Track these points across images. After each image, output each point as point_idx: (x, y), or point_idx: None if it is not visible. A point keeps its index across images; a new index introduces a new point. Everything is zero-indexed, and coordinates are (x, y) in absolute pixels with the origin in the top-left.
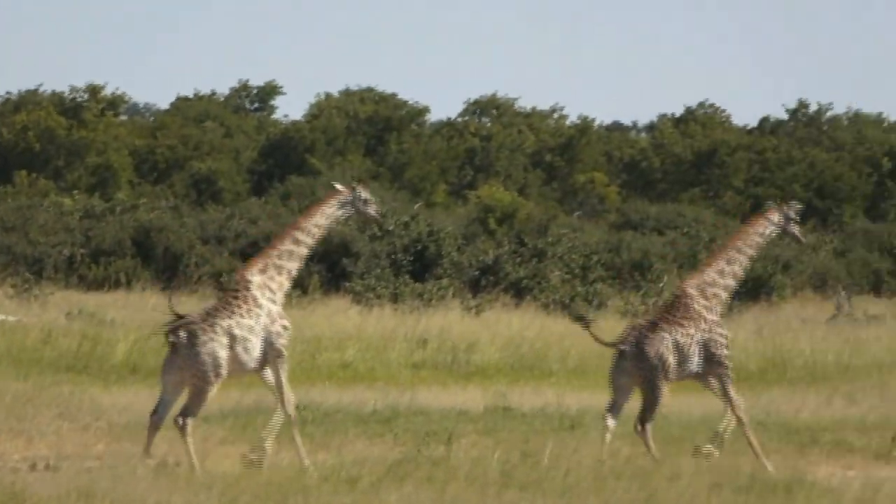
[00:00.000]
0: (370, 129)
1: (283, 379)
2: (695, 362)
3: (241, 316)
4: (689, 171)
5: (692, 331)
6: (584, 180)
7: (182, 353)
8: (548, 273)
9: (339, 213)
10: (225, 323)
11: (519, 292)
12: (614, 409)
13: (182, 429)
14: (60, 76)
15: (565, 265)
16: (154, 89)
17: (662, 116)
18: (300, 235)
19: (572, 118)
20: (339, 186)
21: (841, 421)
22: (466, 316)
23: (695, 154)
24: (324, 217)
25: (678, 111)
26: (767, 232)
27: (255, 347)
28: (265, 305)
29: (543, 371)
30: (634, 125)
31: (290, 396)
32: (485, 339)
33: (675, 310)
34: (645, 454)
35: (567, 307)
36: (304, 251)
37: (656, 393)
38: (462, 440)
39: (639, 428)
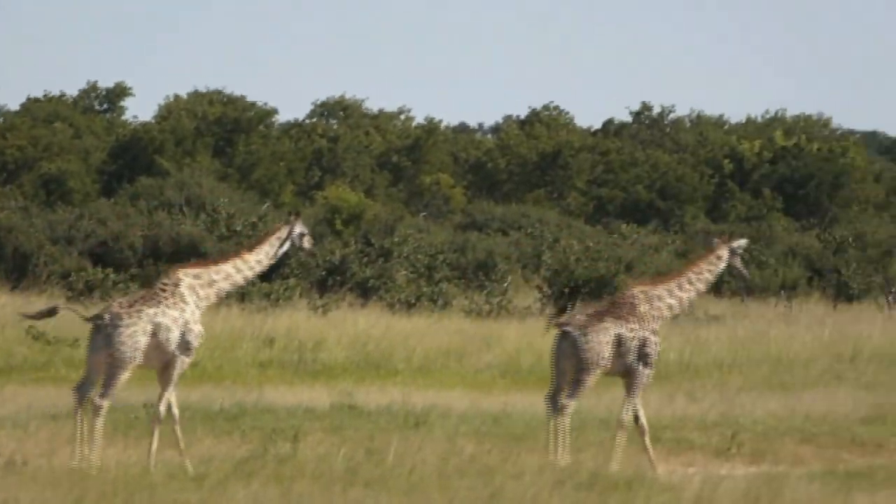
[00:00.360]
0: (219, 130)
1: (176, 378)
2: (630, 358)
3: (168, 307)
4: (533, 173)
5: (635, 327)
6: (430, 181)
7: (104, 334)
8: (394, 273)
9: (281, 250)
10: (150, 311)
11: (365, 292)
12: (554, 395)
13: (96, 410)
14: None
15: (411, 265)
16: (3, 91)
17: (508, 118)
18: (241, 265)
19: (419, 119)
20: (280, 225)
21: (682, 419)
22: (313, 315)
23: (539, 155)
24: (266, 256)
25: (523, 113)
26: (717, 269)
27: (175, 340)
28: (190, 304)
29: (389, 370)
30: (480, 127)
31: (172, 398)
32: (331, 339)
33: (621, 307)
34: (489, 452)
35: (413, 306)
36: (239, 280)
37: (585, 379)
38: (308, 438)
39: (560, 406)
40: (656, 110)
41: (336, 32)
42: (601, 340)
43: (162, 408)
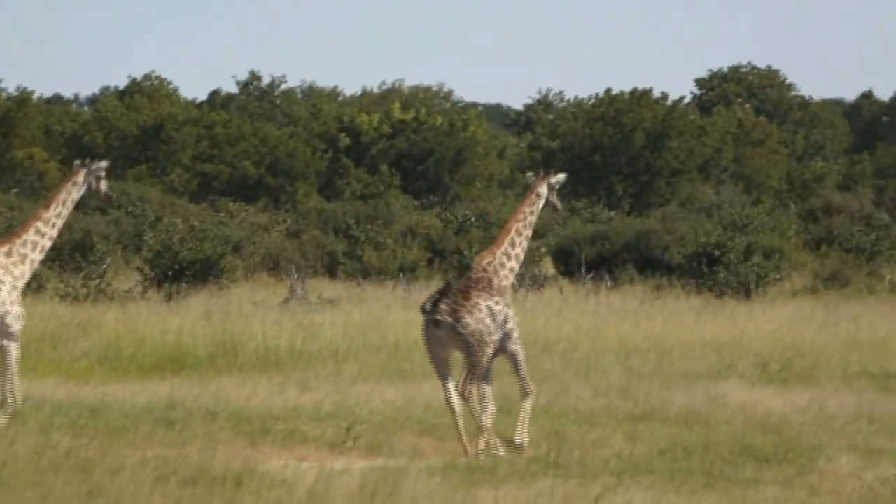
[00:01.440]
0: None
1: (14, 365)
2: (502, 332)
3: None
4: (134, 147)
5: (500, 299)
6: (23, 156)
7: None
8: None
9: (76, 195)
10: None
11: None
12: (447, 380)
13: None
14: None
15: None
16: None
17: (106, 89)
18: (43, 227)
19: (10, 90)
20: (75, 164)
21: (295, 409)
22: None
23: (140, 129)
24: (63, 205)
25: (122, 83)
26: (538, 207)
27: None
28: (7, 285)
29: None
30: (76, 98)
31: (17, 385)
32: None
33: (480, 282)
34: (87, 446)
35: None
36: (47, 242)
37: (478, 361)
38: None
39: (466, 393)
40: (266, 81)
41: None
42: (479, 318)
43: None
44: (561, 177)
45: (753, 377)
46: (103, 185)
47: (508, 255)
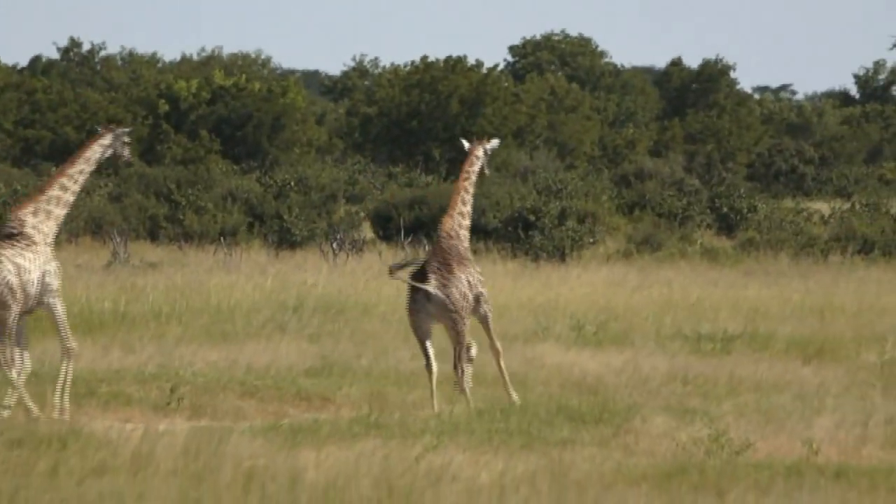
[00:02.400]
0: None
1: (64, 317)
2: (473, 297)
3: (22, 249)
4: None
5: (472, 269)
6: None
7: None
8: None
9: (100, 156)
10: (8, 252)
11: None
12: (427, 343)
13: None
14: None
15: None
16: None
17: None
18: (67, 182)
19: None
20: (100, 129)
21: (119, 371)
22: None
23: None
24: (88, 163)
25: None
26: (476, 168)
27: (35, 282)
28: (41, 244)
29: None
30: None
31: (69, 334)
32: None
33: (454, 253)
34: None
35: None
36: (70, 198)
37: (462, 329)
38: None
39: (459, 368)
40: (86, 47)
41: None
42: (463, 291)
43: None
44: (495, 142)
45: (569, 339)
46: (126, 151)
47: (463, 213)
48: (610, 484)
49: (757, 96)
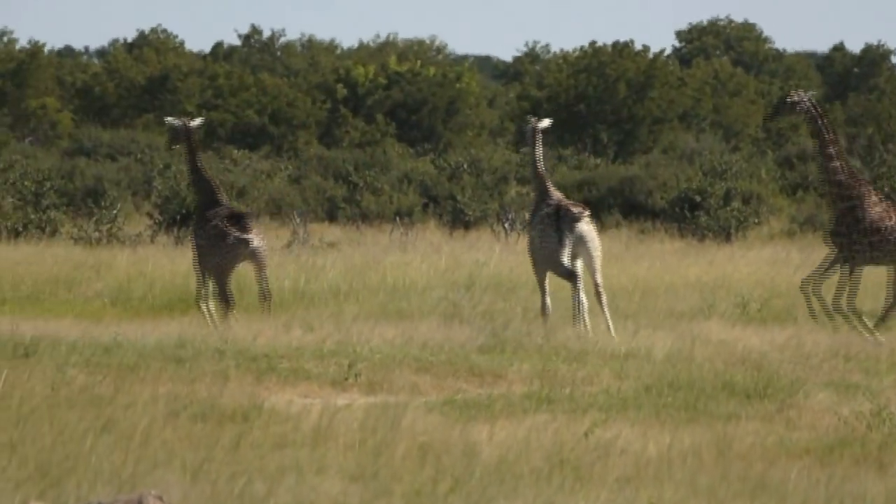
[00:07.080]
0: None
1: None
2: None
3: None
4: (142, 97)
5: None
6: (36, 105)
7: None
8: (0, 201)
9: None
10: None
11: None
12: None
13: None
14: None
15: (17, 192)
16: None
17: (114, 42)
18: None
19: (22, 42)
20: (170, 120)
21: (299, 348)
22: None
23: (147, 80)
24: None
25: (131, 36)
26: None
27: None
28: None
29: None
30: (87, 50)
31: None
32: None
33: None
34: (101, 383)
35: (20, 234)
36: None
37: None
38: None
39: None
40: (266, 34)
41: None
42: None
43: None
44: (546, 122)
45: (734, 316)
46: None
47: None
48: (773, 458)
49: None
